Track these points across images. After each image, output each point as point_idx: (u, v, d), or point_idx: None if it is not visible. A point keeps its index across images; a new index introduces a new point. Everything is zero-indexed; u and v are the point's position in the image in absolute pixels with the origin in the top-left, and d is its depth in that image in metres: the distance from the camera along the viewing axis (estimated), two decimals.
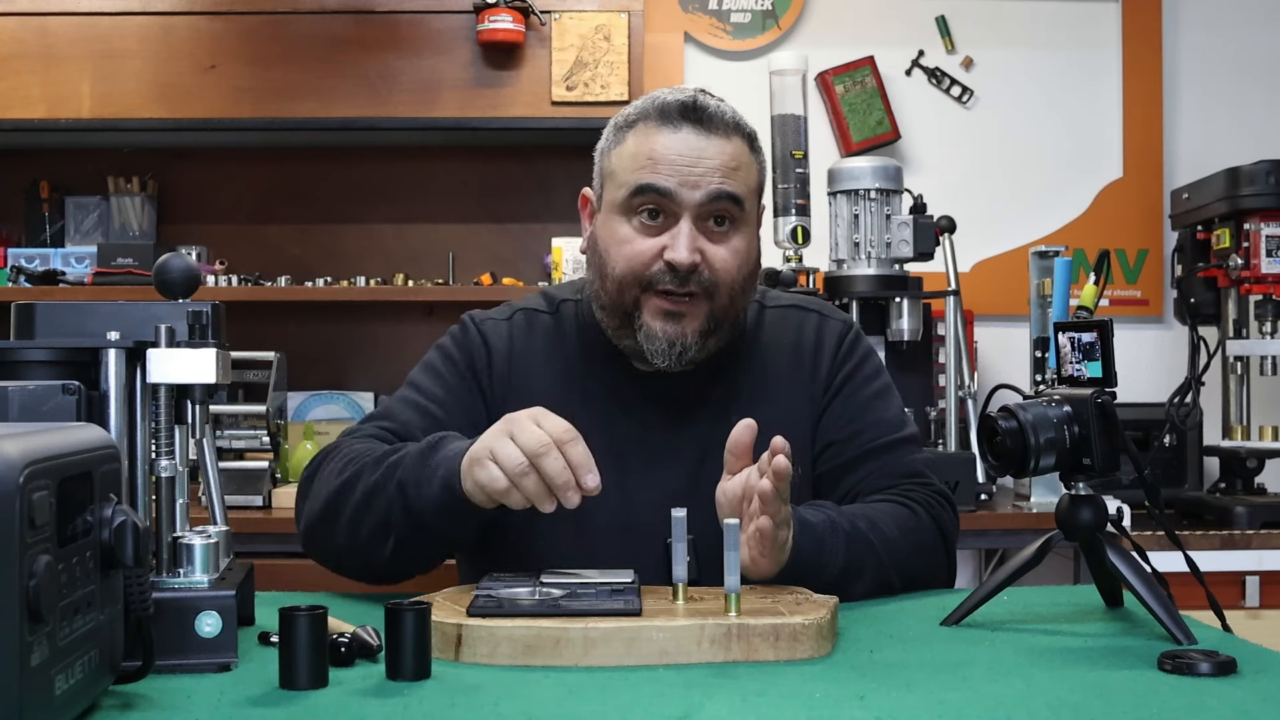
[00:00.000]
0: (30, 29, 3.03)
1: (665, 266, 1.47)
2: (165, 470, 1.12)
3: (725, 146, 1.49)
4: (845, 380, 1.60)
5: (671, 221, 1.48)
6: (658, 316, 1.49)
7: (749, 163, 1.52)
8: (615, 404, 1.56)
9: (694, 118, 1.48)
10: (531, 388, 1.55)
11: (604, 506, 1.50)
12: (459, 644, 1.10)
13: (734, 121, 1.51)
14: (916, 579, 1.49)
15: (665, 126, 1.49)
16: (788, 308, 1.65)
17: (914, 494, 1.55)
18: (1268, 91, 3.42)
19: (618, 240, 1.50)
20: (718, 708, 0.95)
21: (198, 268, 1.23)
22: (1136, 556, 1.25)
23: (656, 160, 1.47)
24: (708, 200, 1.47)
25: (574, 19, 3.05)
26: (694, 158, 1.47)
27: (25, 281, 3.02)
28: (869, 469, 1.57)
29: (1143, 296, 3.40)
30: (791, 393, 1.59)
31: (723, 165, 1.48)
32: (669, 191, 1.46)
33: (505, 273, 3.29)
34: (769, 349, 1.61)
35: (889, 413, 1.61)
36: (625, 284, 1.49)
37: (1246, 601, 2.61)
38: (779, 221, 2.83)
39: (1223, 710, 0.95)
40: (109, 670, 0.94)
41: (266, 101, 3.04)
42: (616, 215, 1.51)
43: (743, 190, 1.50)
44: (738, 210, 1.49)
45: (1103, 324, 1.24)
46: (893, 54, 3.38)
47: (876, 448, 1.58)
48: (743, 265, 1.51)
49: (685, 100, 1.49)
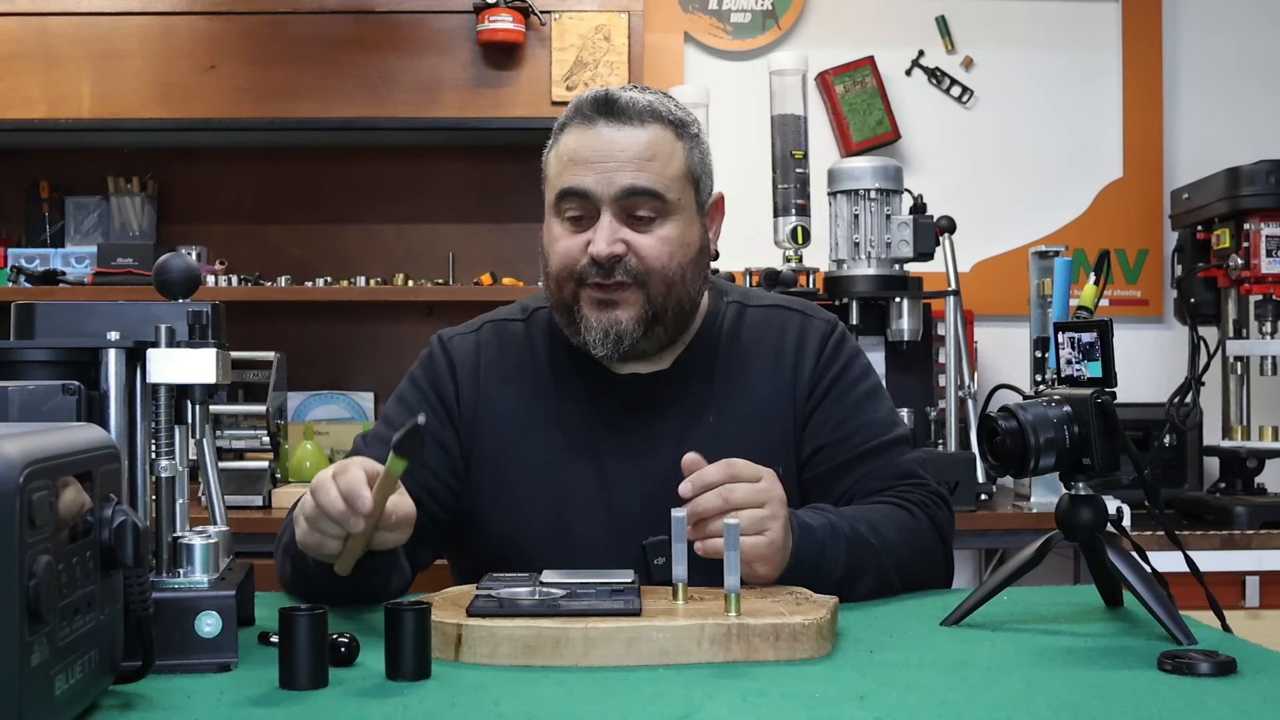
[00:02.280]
0: (30, 29, 3.02)
1: (590, 260, 1.49)
2: (165, 470, 1.12)
3: (639, 135, 1.49)
4: (832, 383, 1.59)
5: (596, 217, 1.50)
6: (592, 307, 1.51)
7: (671, 149, 1.51)
8: (590, 405, 1.56)
9: (605, 111, 1.50)
10: (502, 398, 1.58)
11: (583, 505, 1.53)
12: (459, 644, 1.10)
13: (650, 110, 1.51)
14: (916, 580, 1.49)
15: (583, 125, 1.51)
16: (770, 308, 1.64)
17: (910, 495, 1.55)
18: (1268, 91, 3.42)
19: (552, 239, 1.53)
20: (718, 708, 0.95)
21: (198, 268, 1.23)
22: (1136, 556, 1.25)
23: (575, 160, 1.50)
24: (622, 195, 1.48)
25: (574, 19, 3.05)
26: (607, 151, 1.49)
27: (25, 281, 3.02)
28: (862, 471, 1.56)
29: (1143, 296, 3.40)
30: (770, 391, 1.58)
31: (636, 157, 1.48)
32: (585, 191, 1.49)
33: (505, 273, 3.29)
34: (749, 347, 1.60)
35: (879, 414, 1.60)
36: (561, 280, 1.52)
37: (1246, 601, 2.61)
38: (779, 221, 2.83)
39: (1223, 710, 0.95)
40: (109, 670, 0.94)
41: (266, 101, 3.04)
42: (551, 216, 1.54)
43: (659, 180, 1.49)
44: (657, 203, 1.49)
45: (1103, 324, 1.24)
46: (893, 54, 3.38)
47: (869, 450, 1.57)
48: (675, 252, 1.51)
49: (598, 95, 1.52)
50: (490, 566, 1.45)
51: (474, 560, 1.57)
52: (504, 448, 1.56)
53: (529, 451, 1.55)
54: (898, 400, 2.85)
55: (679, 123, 1.53)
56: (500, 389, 1.58)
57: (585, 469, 1.54)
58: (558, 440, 1.55)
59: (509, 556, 1.50)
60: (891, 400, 1.66)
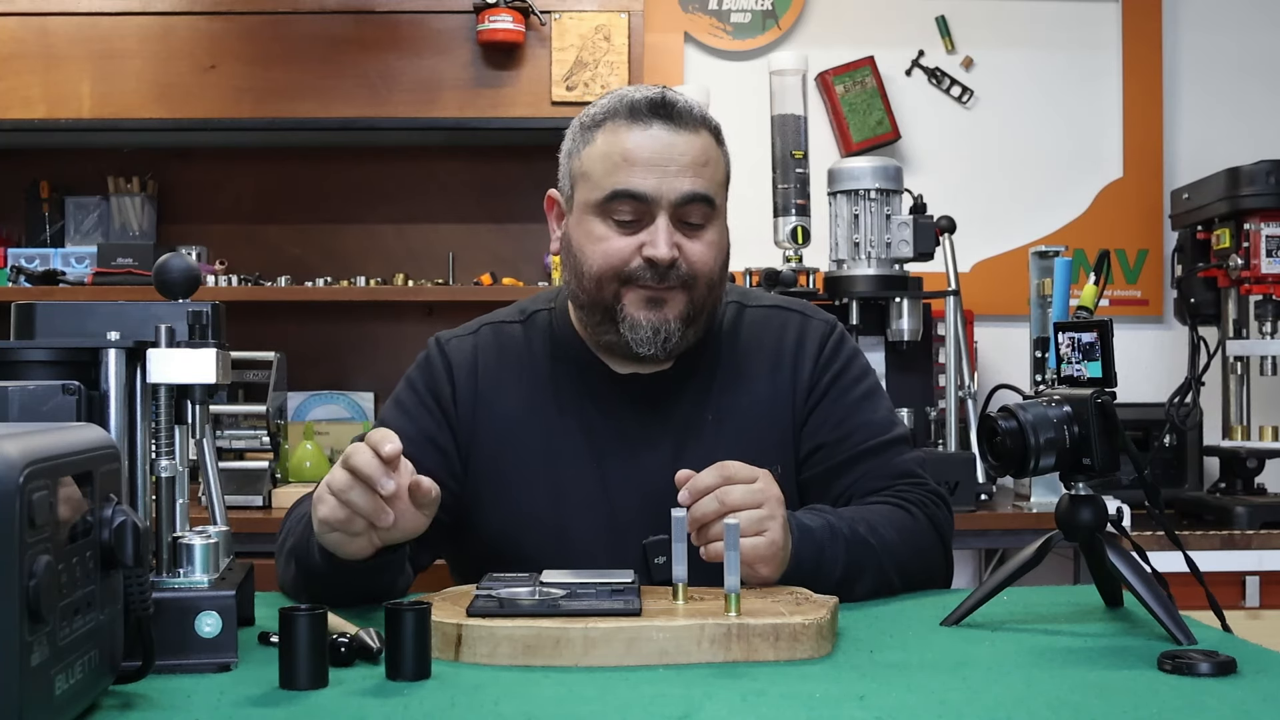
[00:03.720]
0: (30, 29, 3.03)
1: (644, 262, 1.48)
2: (165, 470, 1.12)
3: (695, 142, 1.49)
4: (831, 383, 1.59)
5: (648, 219, 1.49)
6: (640, 306, 1.50)
7: (717, 157, 1.53)
8: (590, 405, 1.56)
9: (664, 114, 1.49)
10: (500, 400, 1.57)
11: (582, 505, 1.53)
12: (459, 644, 1.10)
13: (701, 116, 1.52)
14: (916, 580, 1.49)
15: (636, 124, 1.49)
16: (770, 308, 1.65)
17: (909, 495, 1.54)
18: (1268, 91, 3.42)
19: (594, 239, 1.50)
20: (718, 708, 0.95)
21: (198, 268, 1.23)
22: (1136, 556, 1.25)
23: (630, 160, 1.48)
24: (681, 201, 1.48)
25: (574, 19, 3.05)
26: (666, 155, 1.48)
27: (25, 281, 3.02)
28: (861, 471, 1.56)
29: (1143, 296, 3.40)
30: (770, 390, 1.58)
31: (693, 162, 1.49)
32: (644, 194, 1.47)
33: (505, 273, 3.29)
34: (748, 347, 1.61)
35: (878, 414, 1.60)
36: (604, 279, 1.50)
37: (1246, 601, 2.61)
38: (779, 221, 2.83)
39: (1223, 710, 0.95)
40: (109, 670, 0.94)
41: (266, 101, 3.04)
42: (591, 215, 1.51)
43: (713, 187, 1.51)
44: (709, 209, 1.51)
45: (1103, 324, 1.24)
46: (893, 54, 3.38)
47: (867, 450, 1.57)
48: (718, 256, 1.53)
49: (654, 97, 1.50)
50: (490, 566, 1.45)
51: (474, 560, 1.57)
52: (502, 449, 1.56)
53: (528, 452, 1.55)
54: (898, 400, 2.87)
55: (718, 130, 1.56)
56: (498, 390, 1.58)
57: (584, 469, 1.54)
58: (556, 440, 1.55)
59: (508, 556, 1.50)
60: (890, 400, 1.66)
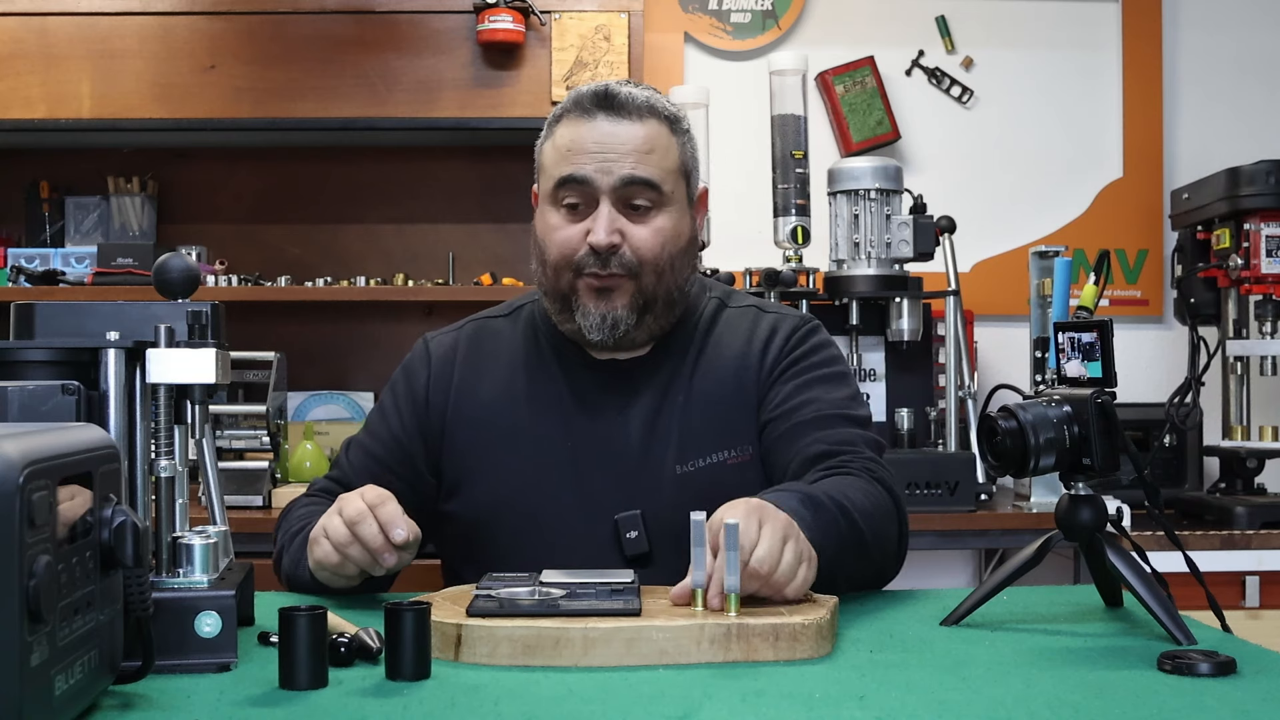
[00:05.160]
0: (30, 29, 3.02)
1: (589, 250, 1.54)
2: (165, 470, 1.12)
3: (637, 130, 1.55)
4: (791, 364, 1.61)
5: (593, 207, 1.55)
6: (590, 295, 1.56)
7: (667, 144, 1.57)
8: (564, 385, 1.62)
9: (605, 105, 1.56)
10: (476, 387, 1.64)
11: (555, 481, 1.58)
12: (459, 644, 1.10)
13: (647, 105, 1.57)
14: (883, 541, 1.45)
15: (582, 117, 1.56)
16: (748, 308, 1.69)
17: (851, 463, 1.51)
18: (1268, 91, 3.42)
19: (549, 228, 1.58)
20: (718, 708, 0.95)
21: (198, 268, 1.23)
22: (1136, 556, 1.25)
23: (574, 150, 1.55)
24: (621, 185, 1.54)
25: (574, 19, 3.05)
26: (607, 143, 1.54)
27: (25, 281, 3.02)
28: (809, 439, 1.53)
29: (1143, 296, 3.40)
30: (738, 375, 1.61)
31: (635, 149, 1.54)
32: (585, 179, 1.54)
33: (505, 273, 3.29)
34: (722, 339, 1.65)
35: (834, 394, 1.60)
36: (560, 269, 1.57)
37: (1246, 601, 2.61)
38: (779, 221, 2.83)
39: (1223, 710, 0.95)
40: (109, 670, 0.94)
41: (266, 101, 3.04)
42: (547, 205, 1.59)
43: (657, 173, 1.55)
44: (654, 194, 1.55)
45: (1103, 324, 1.24)
46: (893, 54, 3.38)
47: (812, 420, 1.55)
48: (667, 243, 1.56)
49: (598, 89, 1.57)
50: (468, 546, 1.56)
51: (452, 540, 1.65)
52: (478, 430, 1.62)
53: (502, 431, 1.61)
54: (898, 400, 2.88)
55: (673, 118, 1.60)
56: (476, 379, 1.65)
57: (557, 445, 1.59)
58: (531, 418, 1.61)
59: (484, 535, 1.59)
60: (859, 392, 1.66)
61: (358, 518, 1.31)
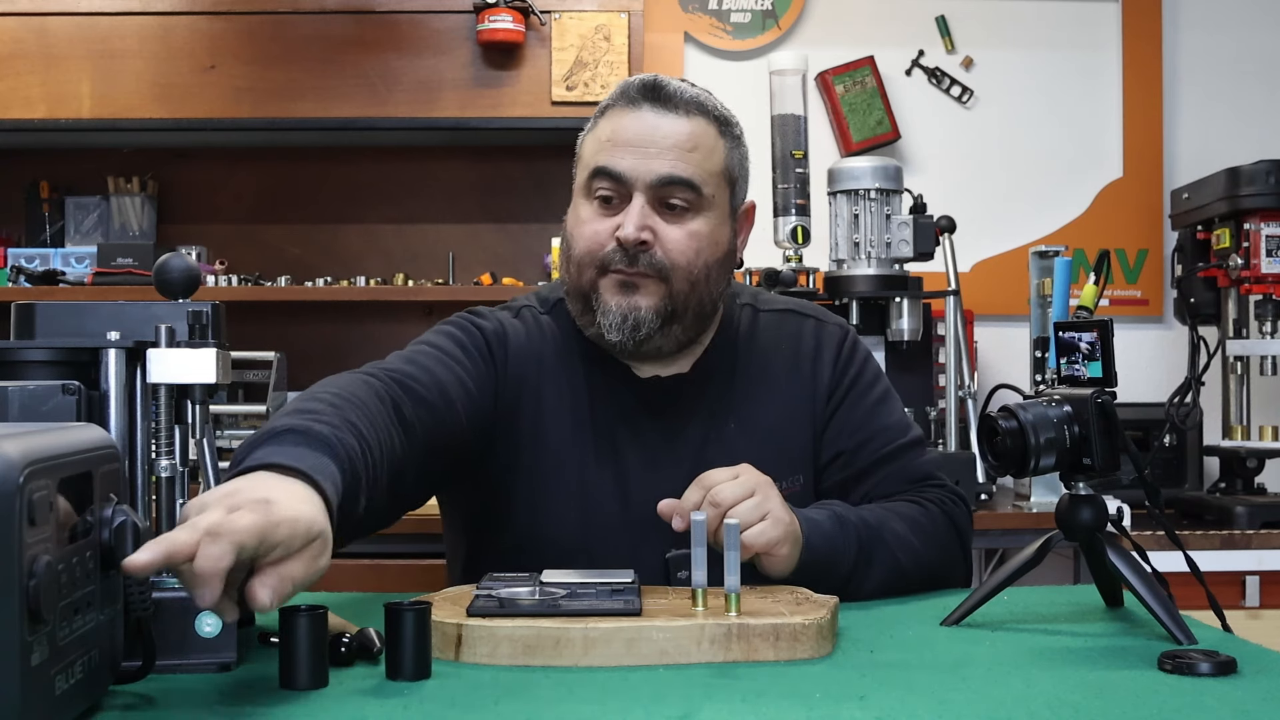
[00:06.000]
0: (30, 29, 3.02)
1: (617, 245, 1.45)
2: (165, 470, 1.12)
3: (682, 125, 1.47)
4: (849, 389, 1.59)
5: (627, 202, 1.46)
6: (613, 292, 1.46)
7: (713, 145, 1.49)
8: (614, 406, 1.54)
9: (652, 96, 1.48)
10: (542, 389, 1.53)
11: (603, 506, 1.51)
12: (459, 644, 1.10)
13: (696, 101, 1.49)
14: (933, 572, 1.49)
15: (628, 107, 1.48)
16: (783, 312, 1.64)
17: (927, 495, 1.56)
18: (1268, 91, 3.42)
19: (579, 221, 1.49)
20: (718, 708, 0.95)
21: (198, 268, 1.23)
22: (1136, 556, 1.25)
23: (615, 140, 1.47)
24: (659, 182, 1.45)
25: (574, 19, 3.05)
26: (649, 136, 1.46)
27: (25, 281, 3.02)
28: (880, 476, 1.57)
29: (1143, 296, 3.40)
30: (790, 398, 1.57)
31: (677, 145, 1.46)
32: (620, 173, 1.45)
33: (505, 273, 3.29)
34: (766, 353, 1.59)
35: (893, 418, 1.61)
36: (584, 265, 1.48)
37: (1246, 601, 2.61)
38: (779, 221, 2.83)
39: (1223, 710, 0.95)
40: (109, 670, 0.94)
41: (266, 101, 3.04)
42: (580, 198, 1.51)
43: (698, 173, 1.46)
44: (692, 194, 1.46)
45: (1103, 324, 1.24)
46: (893, 54, 3.38)
47: (886, 455, 1.57)
48: (702, 249, 1.47)
49: (646, 80, 1.49)
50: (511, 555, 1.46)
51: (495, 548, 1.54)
52: (536, 434, 1.52)
53: (558, 445, 1.52)
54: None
55: (723, 120, 1.52)
56: (541, 378, 1.54)
57: (607, 470, 1.52)
58: (585, 437, 1.52)
59: (528, 547, 1.49)
60: (902, 402, 1.67)
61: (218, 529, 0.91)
